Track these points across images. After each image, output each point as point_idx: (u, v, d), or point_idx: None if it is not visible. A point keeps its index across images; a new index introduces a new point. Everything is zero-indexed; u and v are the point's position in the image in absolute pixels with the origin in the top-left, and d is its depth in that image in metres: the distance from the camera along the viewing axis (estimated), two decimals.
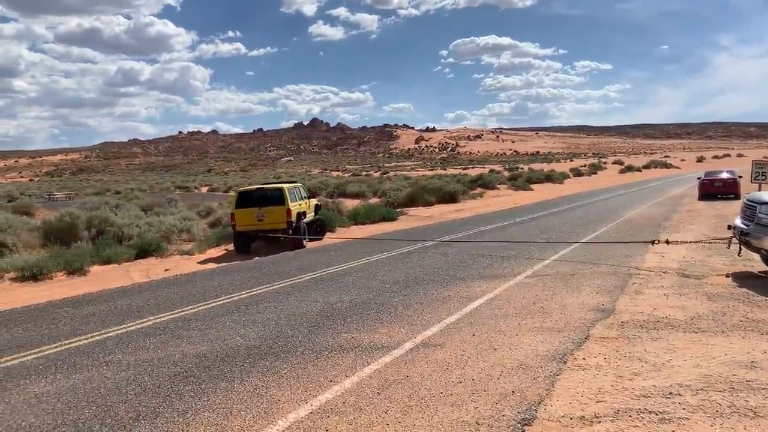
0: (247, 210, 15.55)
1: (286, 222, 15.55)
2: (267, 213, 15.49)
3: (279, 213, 15.50)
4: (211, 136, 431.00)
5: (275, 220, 15.51)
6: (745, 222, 8.94)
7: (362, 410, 4.44)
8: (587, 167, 75.93)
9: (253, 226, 15.47)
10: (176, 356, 6.05)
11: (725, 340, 5.70)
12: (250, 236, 15.68)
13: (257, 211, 15.50)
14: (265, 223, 15.49)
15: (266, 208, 15.54)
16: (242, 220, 15.48)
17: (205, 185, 79.27)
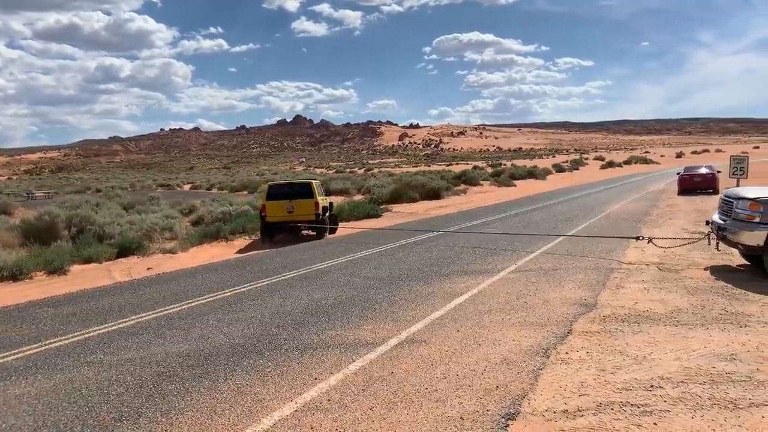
0: (277, 202, 16.78)
1: (314, 214, 16.78)
2: (296, 205, 16.75)
3: (308, 205, 16.78)
4: (193, 133, 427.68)
5: (304, 212, 16.76)
6: (722, 217, 9.14)
7: (347, 407, 4.44)
8: (569, 163, 76.55)
9: (283, 217, 16.68)
10: (159, 355, 6.00)
11: (705, 333, 5.79)
12: (278, 227, 16.91)
13: (287, 204, 16.73)
14: (295, 214, 16.72)
15: (296, 201, 16.80)
16: (273, 211, 16.68)
17: (187, 183, 78.67)
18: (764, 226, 8.15)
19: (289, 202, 16.81)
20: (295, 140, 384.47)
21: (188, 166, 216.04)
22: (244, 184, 56.87)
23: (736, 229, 8.60)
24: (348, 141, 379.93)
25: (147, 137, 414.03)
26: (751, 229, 8.30)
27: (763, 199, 8.36)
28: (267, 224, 16.82)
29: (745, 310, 6.58)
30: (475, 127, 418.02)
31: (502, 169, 58.81)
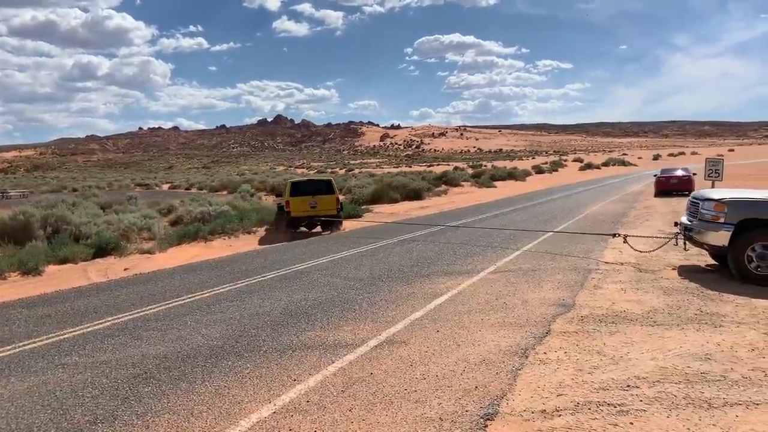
0: (300, 198, 18.00)
1: (336, 209, 18.33)
2: (319, 201, 18.07)
3: (330, 201, 18.23)
4: (172, 132, 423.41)
5: (326, 207, 18.18)
6: (690, 218, 9.34)
7: (326, 409, 4.42)
8: (548, 165, 77.17)
9: (307, 212, 18.05)
10: (135, 357, 5.92)
11: (680, 333, 5.87)
12: (302, 220, 18.22)
13: (310, 200, 18.01)
14: (318, 209, 18.10)
15: (318, 197, 18.11)
16: (297, 207, 17.89)
17: (166, 182, 77.87)
18: (729, 226, 8.35)
19: (312, 198, 18.03)
20: (275, 140, 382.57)
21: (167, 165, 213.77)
22: (223, 184, 56.52)
23: (701, 229, 8.81)
24: (329, 141, 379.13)
25: (125, 136, 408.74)
26: (716, 230, 8.51)
27: (728, 200, 8.57)
28: (291, 219, 17.90)
29: (719, 311, 6.69)
30: (456, 128, 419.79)
31: (483, 170, 59.12)
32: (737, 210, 8.41)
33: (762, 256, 8.12)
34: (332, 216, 18.31)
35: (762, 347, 5.43)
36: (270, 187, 46.72)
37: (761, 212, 8.29)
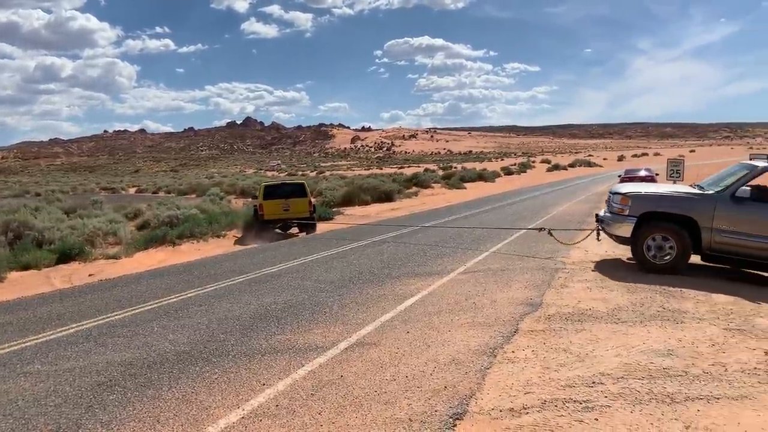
0: (273, 201, 18.15)
1: (308, 211, 18.43)
2: (291, 204, 18.26)
3: (302, 204, 18.41)
4: (138, 135, 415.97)
5: (299, 210, 18.34)
6: (606, 212, 9.93)
7: (295, 412, 4.40)
8: (517, 166, 78.10)
9: (280, 215, 18.19)
10: (100, 365, 5.80)
11: (644, 330, 6.01)
12: (275, 223, 18.34)
13: (283, 202, 18.19)
14: (291, 212, 18.27)
15: (291, 200, 18.31)
16: (270, 210, 18.02)
17: (133, 186, 76.53)
18: (632, 218, 9.03)
19: (285, 201, 18.23)
20: (245, 142, 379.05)
21: (134, 168, 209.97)
22: (192, 187, 55.70)
23: (610, 221, 9.53)
24: (299, 144, 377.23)
25: (90, 139, 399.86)
26: (621, 222, 9.22)
27: (632, 194, 9.29)
28: (264, 221, 18.00)
29: (681, 307, 6.86)
30: (427, 131, 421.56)
31: (453, 172, 59.55)
32: (639, 203, 9.11)
33: (659, 247, 8.83)
34: (305, 218, 18.41)
35: (722, 342, 5.59)
36: (240, 189, 46.26)
37: (659, 206, 9.02)
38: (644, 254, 8.99)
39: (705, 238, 8.65)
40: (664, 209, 9.00)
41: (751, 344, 5.53)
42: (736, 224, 8.45)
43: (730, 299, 7.27)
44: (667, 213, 8.95)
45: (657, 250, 8.88)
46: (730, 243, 8.51)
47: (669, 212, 8.93)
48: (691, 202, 8.87)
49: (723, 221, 8.51)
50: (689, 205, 8.84)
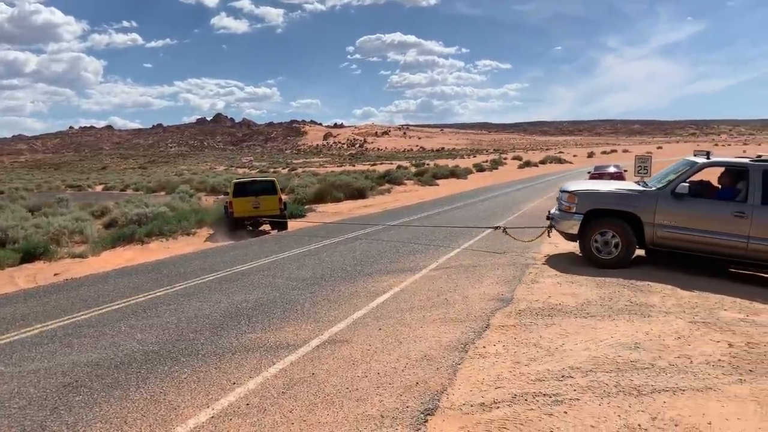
0: (243, 199, 18.09)
1: (279, 209, 18.41)
2: (261, 201, 18.22)
3: (272, 201, 18.38)
4: (105, 131, 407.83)
5: (269, 207, 18.27)
6: (556, 210, 10.22)
7: (266, 411, 4.36)
8: (489, 163, 78.74)
9: (250, 212, 18.09)
10: (66, 366, 5.67)
11: (612, 324, 6.10)
12: (245, 220, 18.20)
13: (253, 200, 18.13)
14: (261, 209, 18.18)
15: (261, 197, 18.27)
16: (239, 207, 17.96)
17: (99, 184, 75.05)
18: (579, 215, 9.36)
19: (255, 199, 18.19)
20: (215, 139, 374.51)
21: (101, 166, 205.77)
22: (161, 185, 54.89)
23: (559, 219, 9.85)
24: (271, 140, 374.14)
25: (55, 135, 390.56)
26: (569, 219, 9.54)
27: (579, 191, 9.61)
28: (234, 219, 17.91)
29: (648, 301, 6.99)
30: (399, 127, 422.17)
31: (426, 169, 59.68)
32: (585, 201, 9.44)
33: (605, 242, 9.17)
34: (275, 216, 18.37)
35: (687, 335, 5.70)
36: (210, 187, 45.72)
37: (604, 203, 9.37)
38: (591, 250, 9.33)
39: (648, 233, 9.02)
40: (608, 206, 9.34)
41: (715, 337, 5.66)
42: (676, 219, 8.84)
43: (695, 293, 7.44)
44: (611, 210, 9.28)
45: (603, 246, 9.22)
46: (671, 237, 8.90)
47: (613, 209, 9.28)
48: (634, 199, 9.21)
49: (664, 216, 8.89)
50: (632, 201, 9.18)
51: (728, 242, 8.50)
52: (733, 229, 8.45)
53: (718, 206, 8.72)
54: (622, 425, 3.88)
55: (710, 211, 8.72)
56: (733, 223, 8.45)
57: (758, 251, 8.34)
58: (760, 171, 8.47)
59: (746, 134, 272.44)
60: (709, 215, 8.69)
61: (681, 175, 9.07)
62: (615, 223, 9.16)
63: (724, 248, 8.56)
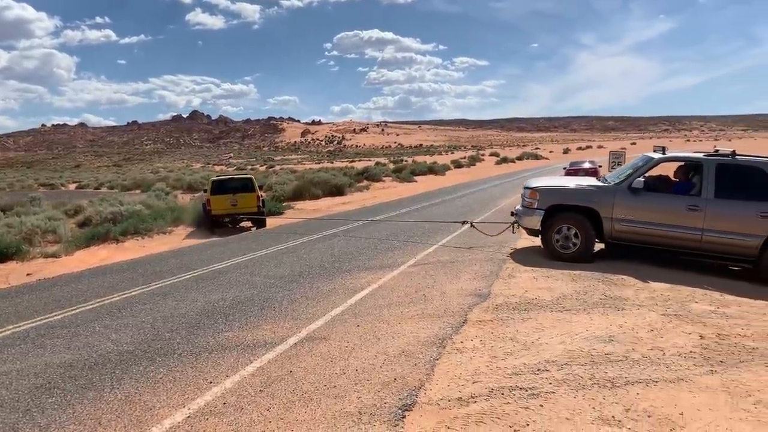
0: (221, 196, 18.07)
1: (257, 206, 18.42)
2: (239, 199, 18.16)
3: (250, 198, 18.35)
4: (79, 128, 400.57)
5: (247, 205, 18.28)
6: (520, 206, 10.47)
7: (243, 409, 4.34)
8: (467, 159, 79.05)
9: (228, 210, 18.10)
10: (38, 367, 5.57)
11: (587, 318, 6.18)
12: (222, 219, 18.19)
13: (231, 197, 18.09)
14: (238, 207, 18.17)
15: (239, 195, 18.21)
16: (217, 205, 17.96)
17: (73, 182, 73.79)
18: (540, 211, 9.62)
19: (233, 196, 18.14)
20: (192, 136, 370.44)
21: (74, 164, 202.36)
22: (136, 183, 54.14)
23: (522, 215, 10.11)
24: (248, 137, 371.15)
25: (27, 133, 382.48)
26: (531, 215, 9.81)
27: (540, 188, 9.92)
28: (212, 217, 17.92)
29: (621, 295, 7.10)
30: (377, 124, 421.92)
31: (404, 166, 59.74)
32: (547, 197, 9.74)
33: (566, 237, 9.45)
34: (253, 213, 18.41)
35: (660, 328, 5.81)
36: (186, 185, 45.23)
37: (564, 199, 9.66)
38: (553, 244, 9.58)
39: (606, 227, 9.31)
40: (568, 202, 9.61)
41: (687, 329, 5.77)
42: (632, 213, 9.13)
43: (667, 286, 7.57)
44: (571, 205, 9.55)
45: (564, 240, 9.49)
46: (629, 231, 9.18)
47: (573, 204, 9.56)
48: (593, 194, 9.51)
49: (621, 211, 9.18)
50: (591, 197, 9.49)
51: (683, 235, 8.78)
52: (687, 222, 8.74)
53: (673, 200, 9.00)
54: (596, 417, 3.94)
55: (666, 204, 9.00)
56: (688, 216, 8.73)
57: (712, 243, 8.63)
58: (714, 165, 8.76)
59: (717, 130, 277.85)
60: (664, 209, 8.97)
61: (637, 171, 9.35)
62: (575, 218, 9.44)
63: (680, 241, 8.84)
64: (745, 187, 8.59)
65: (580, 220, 9.37)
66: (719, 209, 8.58)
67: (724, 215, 8.57)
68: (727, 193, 8.61)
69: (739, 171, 8.74)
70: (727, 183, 8.65)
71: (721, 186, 8.64)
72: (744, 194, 8.56)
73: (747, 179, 8.63)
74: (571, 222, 9.42)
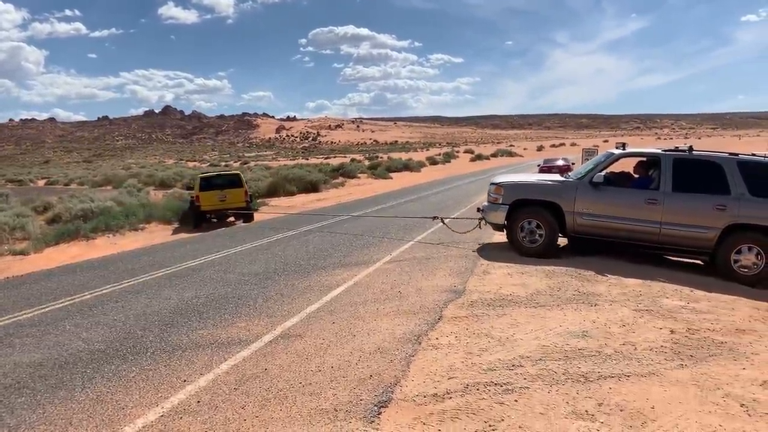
0: (210, 192, 18.42)
1: (244, 201, 18.92)
2: (228, 194, 18.63)
3: (238, 194, 18.89)
4: (48, 123, 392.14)
5: (235, 200, 18.75)
6: (486, 202, 10.69)
7: (218, 408, 4.30)
8: (442, 156, 79.30)
9: (216, 205, 18.43)
10: (7, 367, 5.45)
11: (560, 313, 6.26)
12: (210, 214, 18.51)
13: (219, 193, 18.50)
14: (227, 202, 18.58)
15: (227, 190, 18.69)
16: (206, 201, 18.26)
17: (42, 178, 72.18)
18: (505, 206, 9.88)
19: (221, 192, 18.58)
20: (165, 132, 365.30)
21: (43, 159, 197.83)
22: (107, 179, 53.15)
23: (487, 210, 10.33)
24: (222, 133, 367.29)
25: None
26: (496, 210, 10.05)
27: (504, 183, 10.15)
28: (201, 212, 18.20)
29: (594, 290, 7.20)
30: (353, 121, 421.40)
31: (379, 162, 59.72)
32: (511, 192, 9.98)
33: (530, 231, 9.67)
34: (241, 208, 18.81)
35: (632, 323, 5.91)
36: (159, 181, 44.57)
37: (528, 194, 9.91)
38: (517, 239, 9.79)
39: (569, 221, 9.54)
40: (532, 196, 9.84)
41: (658, 324, 5.88)
42: (593, 207, 9.37)
43: (639, 282, 7.70)
44: (535, 200, 9.77)
45: (528, 235, 9.70)
46: (590, 225, 9.42)
47: (537, 199, 9.77)
48: (555, 189, 9.76)
49: (583, 205, 9.42)
50: (554, 192, 9.73)
51: (642, 228, 9.01)
52: (646, 216, 8.98)
53: (632, 194, 9.24)
54: (569, 412, 4.00)
55: (625, 198, 9.24)
56: (647, 209, 8.97)
57: (670, 236, 8.87)
58: (671, 160, 9.02)
59: (687, 128, 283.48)
60: (624, 203, 9.20)
61: (598, 166, 9.60)
62: (538, 212, 9.64)
63: (639, 234, 9.07)
64: (702, 181, 8.84)
65: (543, 215, 9.57)
66: (677, 203, 8.82)
67: (681, 208, 8.81)
68: (685, 187, 8.86)
69: (696, 165, 8.98)
70: (685, 177, 8.89)
71: (678, 180, 8.88)
72: (701, 188, 8.80)
73: (704, 173, 8.87)
74: (535, 216, 9.61)
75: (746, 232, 8.43)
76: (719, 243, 8.54)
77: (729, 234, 8.48)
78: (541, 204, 9.67)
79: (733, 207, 8.47)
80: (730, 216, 8.47)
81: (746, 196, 8.47)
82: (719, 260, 8.57)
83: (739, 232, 8.45)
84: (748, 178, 8.55)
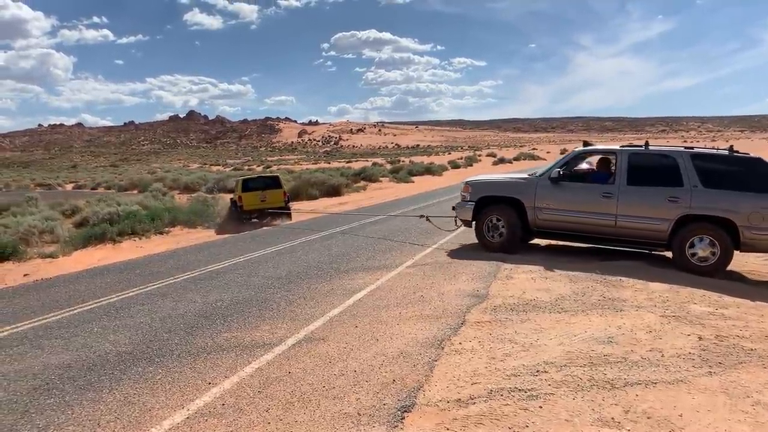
0: (251, 193, 20.04)
1: (283, 201, 20.42)
2: (268, 195, 20.17)
3: (278, 195, 20.47)
4: (76, 129, 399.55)
5: (275, 201, 20.25)
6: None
7: (242, 410, 4.33)
8: (464, 159, 78.98)
9: (258, 205, 19.96)
10: (36, 368, 5.56)
11: (585, 319, 6.19)
12: (253, 213, 19.95)
13: (260, 194, 20.07)
14: (267, 202, 20.08)
15: (267, 191, 20.26)
16: (248, 201, 19.86)
17: (70, 182, 73.61)
18: (471, 203, 10.32)
19: (262, 193, 20.09)
20: (189, 137, 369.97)
21: (71, 164, 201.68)
22: (133, 183, 54.00)
23: (458, 207, 10.74)
24: (245, 138, 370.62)
25: (23, 133, 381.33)
26: (464, 207, 10.48)
27: (473, 181, 10.60)
28: (244, 212, 19.75)
29: (620, 296, 7.10)
30: (374, 125, 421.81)
31: (401, 166, 59.69)
32: (477, 189, 10.43)
33: (495, 227, 10.06)
34: (280, 208, 20.18)
35: (659, 329, 5.81)
36: (183, 185, 45.13)
37: (492, 190, 10.32)
38: (483, 234, 10.19)
39: (530, 217, 9.87)
40: (495, 193, 10.21)
41: (685, 330, 5.78)
42: (553, 202, 9.66)
43: (666, 287, 7.57)
44: (498, 196, 10.12)
45: (493, 230, 10.10)
46: (550, 219, 9.72)
47: (500, 195, 10.24)
48: (518, 186, 10.09)
49: (543, 200, 9.75)
50: (516, 188, 10.14)
51: (599, 221, 9.25)
52: (602, 209, 9.20)
53: (589, 189, 9.50)
54: (595, 419, 3.95)
55: (582, 193, 9.52)
56: (603, 203, 9.19)
57: (626, 228, 9.08)
58: (626, 155, 9.24)
59: (714, 131, 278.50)
60: (581, 197, 9.48)
61: (557, 162, 9.94)
62: (501, 208, 10.03)
63: (596, 227, 9.32)
64: (657, 174, 8.99)
65: (505, 211, 9.91)
66: (631, 196, 9.01)
67: (635, 201, 8.99)
68: (640, 180, 9.06)
69: (651, 159, 9.17)
70: (640, 171, 9.09)
71: (633, 174, 9.09)
72: (655, 181, 8.95)
73: (658, 167, 9.04)
74: (499, 213, 9.97)
75: (700, 223, 8.51)
76: (673, 234, 8.66)
77: (683, 225, 8.59)
78: (505, 200, 10.02)
79: (685, 198, 8.59)
80: (683, 207, 8.60)
81: (699, 188, 8.56)
82: (674, 251, 8.69)
83: (692, 223, 8.55)
84: (702, 170, 8.64)
